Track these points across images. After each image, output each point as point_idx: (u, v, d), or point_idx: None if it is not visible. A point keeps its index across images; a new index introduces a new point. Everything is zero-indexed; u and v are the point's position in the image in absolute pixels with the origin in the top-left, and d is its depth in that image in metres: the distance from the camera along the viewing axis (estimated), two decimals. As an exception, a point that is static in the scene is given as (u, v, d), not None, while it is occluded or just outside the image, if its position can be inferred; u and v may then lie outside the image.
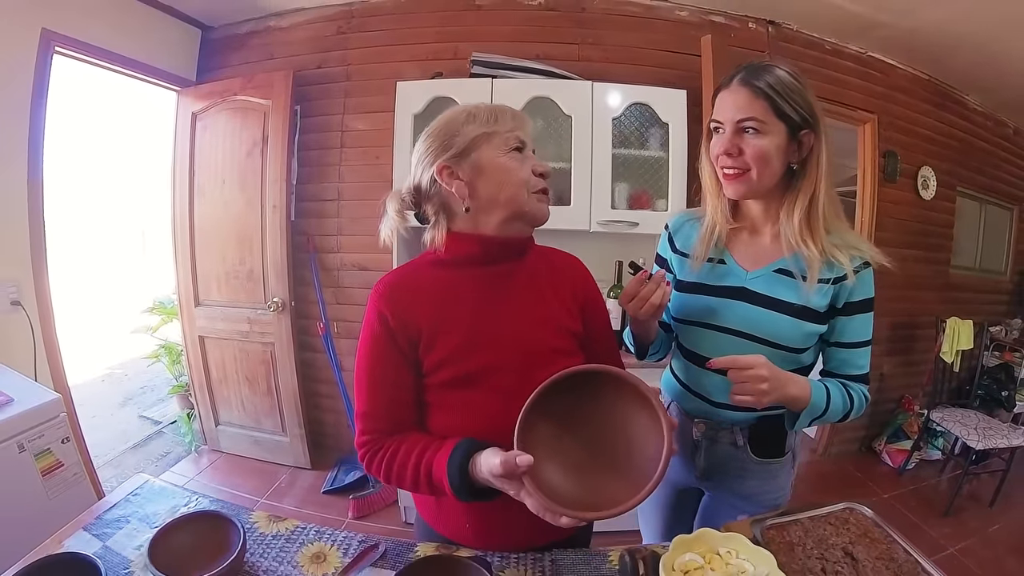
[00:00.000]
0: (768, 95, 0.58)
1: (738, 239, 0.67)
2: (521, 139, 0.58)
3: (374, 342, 0.57)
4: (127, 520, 0.59)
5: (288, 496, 1.71)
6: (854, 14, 1.66)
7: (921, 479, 2.06)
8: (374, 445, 0.57)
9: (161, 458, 2.06)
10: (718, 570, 0.48)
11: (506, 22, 1.67)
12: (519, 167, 0.57)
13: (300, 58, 1.77)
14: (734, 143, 0.60)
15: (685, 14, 1.71)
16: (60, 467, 0.98)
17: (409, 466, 0.54)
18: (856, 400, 0.63)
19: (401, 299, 0.57)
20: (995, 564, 1.51)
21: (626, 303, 0.62)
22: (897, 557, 0.52)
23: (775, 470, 0.69)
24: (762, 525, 0.56)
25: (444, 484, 0.51)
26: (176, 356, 2.37)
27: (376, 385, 0.57)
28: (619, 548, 0.55)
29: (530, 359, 0.57)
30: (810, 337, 0.63)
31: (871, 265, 0.61)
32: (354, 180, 1.75)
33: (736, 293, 0.65)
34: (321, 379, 1.87)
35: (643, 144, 1.52)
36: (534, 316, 0.60)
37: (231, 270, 1.81)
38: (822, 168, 0.60)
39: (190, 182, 1.84)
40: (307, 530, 0.60)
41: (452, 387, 0.57)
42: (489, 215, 0.57)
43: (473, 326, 0.57)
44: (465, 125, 0.57)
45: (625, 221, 1.45)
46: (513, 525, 0.56)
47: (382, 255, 1.71)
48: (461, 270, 0.59)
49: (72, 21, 1.43)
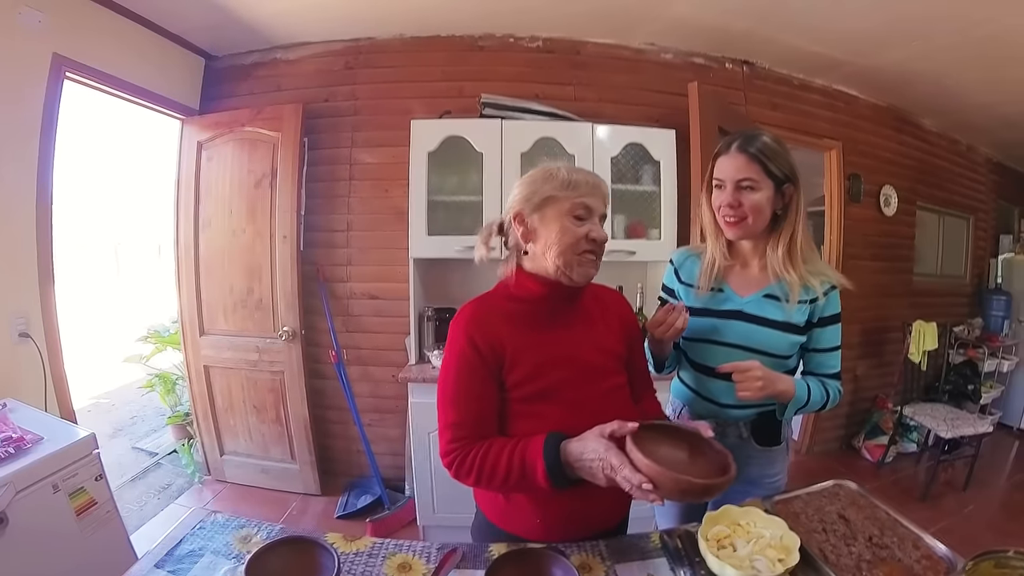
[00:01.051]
0: (760, 159, 0.75)
1: (732, 271, 0.84)
2: (588, 206, 0.66)
3: (464, 361, 0.65)
4: (200, 554, 0.61)
5: (302, 523, 1.71)
6: (820, 54, 1.85)
7: (899, 470, 2.22)
8: (463, 451, 0.63)
9: (163, 490, 2.02)
10: (742, 536, 0.60)
11: (507, 63, 1.78)
12: (574, 230, 0.65)
13: (307, 91, 1.82)
14: (735, 197, 0.76)
15: (670, 56, 1.87)
16: (94, 506, 0.97)
17: (502, 461, 0.61)
18: (832, 393, 0.80)
19: (487, 324, 0.66)
20: (972, 540, 1.65)
21: (655, 328, 0.77)
22: (880, 517, 0.66)
23: (774, 456, 0.84)
24: (770, 501, 0.69)
25: (538, 469, 0.59)
26: (171, 386, 2.33)
27: (465, 399, 0.65)
28: (658, 532, 0.66)
29: (589, 376, 0.68)
30: (793, 346, 0.79)
31: (837, 287, 0.79)
32: (363, 212, 1.81)
33: (734, 315, 0.80)
34: (331, 405, 1.89)
35: (637, 179, 1.64)
36: (592, 341, 0.71)
37: (239, 300, 1.83)
38: (800, 213, 0.78)
39: (195, 211, 1.85)
40: (385, 544, 0.63)
41: (530, 400, 0.66)
42: (545, 262, 0.67)
43: (546, 350, 0.67)
44: (544, 184, 0.67)
45: (623, 250, 1.56)
46: (579, 516, 0.66)
47: (392, 284, 1.77)
48: (531, 304, 0.69)
49: (82, 47, 1.41)
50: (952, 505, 1.91)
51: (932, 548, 0.60)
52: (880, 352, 2.41)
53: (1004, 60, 1.74)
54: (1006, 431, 2.70)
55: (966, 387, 2.48)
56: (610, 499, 0.64)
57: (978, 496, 1.97)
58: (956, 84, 1.99)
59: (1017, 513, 1.87)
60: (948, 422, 2.02)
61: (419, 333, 1.65)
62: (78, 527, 0.95)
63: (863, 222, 2.27)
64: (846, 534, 0.62)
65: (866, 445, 2.32)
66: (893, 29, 1.59)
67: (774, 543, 0.57)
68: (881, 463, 2.22)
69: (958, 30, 1.56)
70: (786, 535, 0.58)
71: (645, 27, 1.73)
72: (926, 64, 1.82)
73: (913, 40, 1.66)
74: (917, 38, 1.64)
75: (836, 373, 0.81)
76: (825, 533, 0.62)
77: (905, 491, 2.03)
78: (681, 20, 1.65)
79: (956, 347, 2.56)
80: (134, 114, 1.83)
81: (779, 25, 1.67)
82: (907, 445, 2.37)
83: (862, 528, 0.63)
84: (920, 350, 2.25)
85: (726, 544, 0.59)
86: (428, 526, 1.58)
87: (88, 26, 1.46)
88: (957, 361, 2.55)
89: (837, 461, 2.29)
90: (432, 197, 1.52)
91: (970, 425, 2.01)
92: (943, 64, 1.81)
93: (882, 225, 2.36)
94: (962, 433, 1.98)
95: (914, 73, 1.93)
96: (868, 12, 1.50)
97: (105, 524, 1.00)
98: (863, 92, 2.23)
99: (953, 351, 2.53)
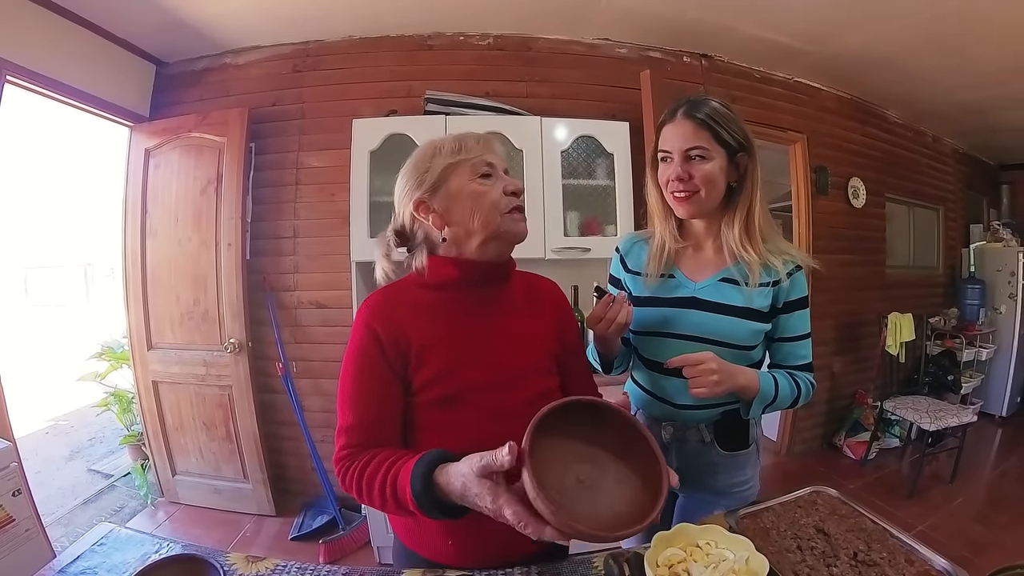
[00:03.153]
0: (709, 125, 0.66)
1: (684, 254, 0.75)
2: (489, 162, 0.59)
3: (363, 356, 0.57)
4: (95, 572, 0.55)
5: (255, 545, 1.63)
6: (779, 44, 1.83)
7: (883, 467, 2.17)
8: (351, 460, 0.55)
9: (115, 513, 1.92)
10: (700, 561, 0.49)
11: (457, 61, 1.74)
12: (489, 190, 0.58)
13: (255, 95, 1.77)
14: (685, 169, 0.67)
15: (625, 51, 1.84)
16: (11, 523, 0.91)
17: (377, 480, 0.51)
18: (803, 386, 0.71)
19: (392, 315, 0.58)
20: (962, 534, 1.60)
21: (594, 325, 0.68)
22: (866, 527, 0.56)
23: (742, 461, 0.75)
24: (735, 515, 0.59)
25: (407, 496, 0.48)
26: (127, 404, 2.23)
27: (363, 399, 0.56)
28: (602, 554, 0.56)
29: (514, 378, 0.59)
30: (756, 335, 0.70)
31: (802, 268, 0.70)
32: (310, 217, 1.75)
33: (687, 303, 0.71)
34: (281, 421, 1.80)
35: (591, 174, 1.60)
36: (518, 337, 0.62)
37: (186, 311, 1.75)
38: (756, 184, 0.69)
39: (142, 220, 1.79)
40: (288, 568, 0.57)
41: (440, 406, 0.57)
42: (467, 241, 0.59)
43: (461, 346, 0.58)
44: (433, 159, 0.59)
45: (578, 248, 1.52)
46: (497, 539, 0.54)
47: (340, 292, 1.69)
48: (446, 292, 0.60)
49: (26, 51, 1.35)
50: (940, 499, 1.86)
51: (929, 562, 0.50)
52: (856, 347, 2.37)
53: (964, 40, 1.71)
54: (988, 419, 2.68)
55: (946, 378, 2.45)
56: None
57: (965, 488, 1.93)
58: (918, 68, 1.97)
59: (1006, 503, 1.83)
60: (931, 414, 1.98)
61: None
62: (-9, 546, 0.86)
63: (832, 215, 2.25)
64: (826, 552, 0.52)
65: (847, 443, 2.27)
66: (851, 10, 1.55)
67: (738, 567, 0.47)
68: (864, 460, 2.18)
69: (916, 10, 1.53)
70: (753, 557, 0.48)
71: (596, 19, 1.70)
72: (886, 47, 1.79)
73: (871, 22, 1.63)
74: (875, 19, 1.61)
75: (807, 364, 0.73)
76: (801, 552, 0.53)
77: (891, 488, 1.98)
78: (631, 10, 1.62)
79: (933, 338, 2.54)
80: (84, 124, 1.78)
81: (734, 13, 1.63)
82: (890, 440, 2.32)
83: (845, 543, 0.53)
84: (897, 342, 2.22)
85: (680, 571, 0.48)
86: (383, 547, 1.50)
87: (32, 29, 1.40)
88: (935, 352, 2.53)
89: (818, 461, 2.24)
90: (374, 198, 1.47)
91: (954, 416, 1.97)
92: (903, 47, 1.78)
93: (851, 218, 2.34)
94: (946, 424, 1.93)
95: (875, 59, 1.90)
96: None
97: (24, 543, 0.93)
98: (825, 83, 2.23)
99: (930, 342, 2.51)
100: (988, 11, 1.51)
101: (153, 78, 1.86)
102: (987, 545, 1.54)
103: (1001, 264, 2.76)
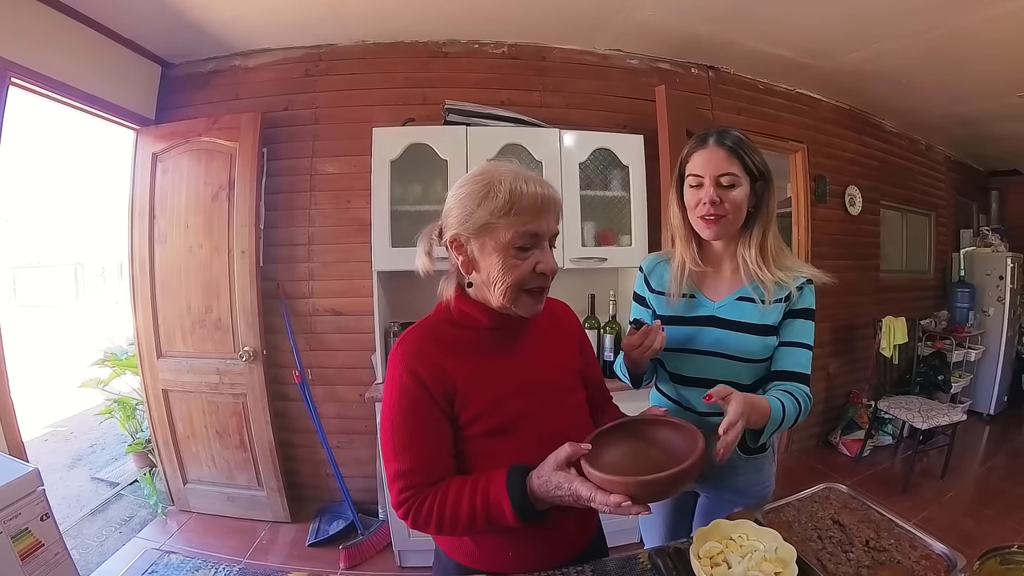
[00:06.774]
0: (739, 153, 0.72)
1: (703, 275, 0.80)
2: (534, 233, 0.57)
3: (409, 400, 0.57)
4: None
5: (272, 553, 1.62)
6: (783, 58, 1.89)
7: (877, 463, 2.25)
8: (417, 499, 0.57)
9: (124, 523, 1.89)
10: (735, 552, 0.56)
11: (472, 69, 1.75)
12: (520, 264, 0.57)
13: (266, 99, 1.75)
14: (718, 193, 0.72)
15: (635, 62, 1.87)
16: (40, 548, 0.89)
17: (464, 506, 0.55)
18: (803, 402, 0.74)
19: (431, 357, 0.59)
20: (953, 527, 1.68)
21: (631, 351, 0.73)
22: (874, 518, 0.65)
23: (760, 463, 0.81)
24: (761, 511, 0.66)
25: (505, 510, 0.53)
26: (131, 411, 2.20)
27: (418, 442, 0.57)
28: (646, 551, 0.62)
29: (552, 400, 0.63)
30: (769, 349, 0.75)
31: (812, 282, 0.76)
32: (325, 224, 1.74)
33: (707, 321, 0.77)
34: (296, 428, 1.80)
35: (606, 185, 1.63)
36: (549, 362, 0.66)
37: (197, 319, 1.73)
38: (772, 211, 0.76)
39: (150, 226, 1.76)
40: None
41: (490, 437, 0.59)
42: (488, 295, 0.60)
43: (501, 378, 0.61)
44: (482, 206, 0.56)
45: (594, 257, 1.54)
46: (548, 539, 0.61)
47: (356, 299, 1.70)
48: (477, 332, 0.62)
49: (30, 51, 1.31)
50: (931, 494, 1.94)
51: (930, 547, 0.58)
52: (852, 349, 2.46)
53: (957, 60, 1.79)
54: (977, 417, 2.79)
55: (936, 378, 2.55)
56: (576, 514, 0.60)
57: (955, 483, 2.01)
58: (912, 84, 2.06)
59: (994, 497, 1.91)
60: (922, 413, 2.06)
61: (385, 350, 1.59)
62: (23, 573, 0.86)
63: (829, 222, 2.32)
64: (842, 540, 0.60)
65: (843, 440, 2.35)
66: (853, 28, 1.62)
67: (769, 556, 0.55)
68: (859, 457, 2.26)
69: (916, 31, 1.60)
70: (781, 546, 0.55)
71: (609, 32, 1.73)
72: (886, 62, 1.87)
73: (872, 40, 1.70)
74: (876, 38, 1.68)
75: (805, 376, 0.75)
76: (821, 541, 0.61)
77: (885, 484, 2.06)
78: (644, 25, 1.65)
79: (924, 340, 2.63)
80: (88, 126, 1.73)
81: (741, 29, 1.69)
82: (883, 438, 2.41)
83: (858, 532, 0.62)
84: (891, 344, 2.30)
85: (720, 561, 0.56)
86: (404, 550, 1.51)
87: (36, 29, 1.36)
88: (926, 353, 2.63)
89: (816, 459, 2.32)
90: (395, 207, 1.47)
91: (944, 415, 2.05)
92: (903, 63, 1.86)
93: (848, 224, 2.41)
94: (937, 423, 2.02)
95: (875, 73, 1.98)
96: (829, 15, 1.52)
97: (54, 568, 0.91)
98: (826, 95, 2.29)
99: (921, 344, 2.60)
100: (985, 32, 1.58)
101: (159, 80, 1.82)
102: (977, 536, 1.61)
103: (990, 268, 2.87)
